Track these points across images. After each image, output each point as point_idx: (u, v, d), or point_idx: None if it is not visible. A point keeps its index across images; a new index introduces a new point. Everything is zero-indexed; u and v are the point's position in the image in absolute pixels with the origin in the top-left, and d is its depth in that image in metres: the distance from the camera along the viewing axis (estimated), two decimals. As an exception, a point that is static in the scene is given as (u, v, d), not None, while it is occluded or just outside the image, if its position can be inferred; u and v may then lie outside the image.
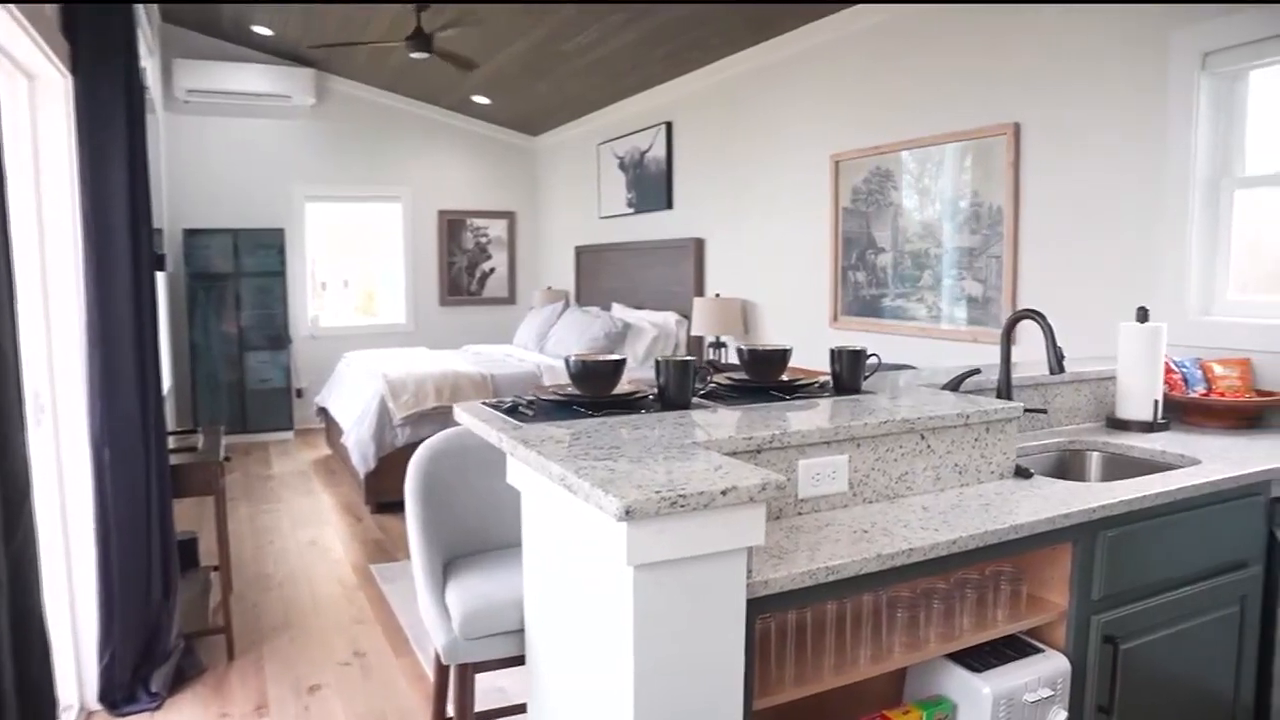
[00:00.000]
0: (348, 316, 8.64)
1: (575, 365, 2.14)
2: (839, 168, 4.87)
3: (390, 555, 4.56)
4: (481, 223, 8.95)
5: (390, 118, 8.33)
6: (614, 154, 7.43)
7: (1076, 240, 3.55)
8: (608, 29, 5.45)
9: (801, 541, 1.67)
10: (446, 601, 2.05)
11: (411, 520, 2.18)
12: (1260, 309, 3.01)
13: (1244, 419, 2.76)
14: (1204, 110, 3.06)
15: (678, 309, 6.53)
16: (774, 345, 2.38)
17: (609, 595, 1.45)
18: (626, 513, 1.30)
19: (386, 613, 3.79)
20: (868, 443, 1.93)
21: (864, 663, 1.68)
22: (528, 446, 1.69)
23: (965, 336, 4.11)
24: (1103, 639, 1.93)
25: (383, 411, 5.37)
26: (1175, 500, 2.04)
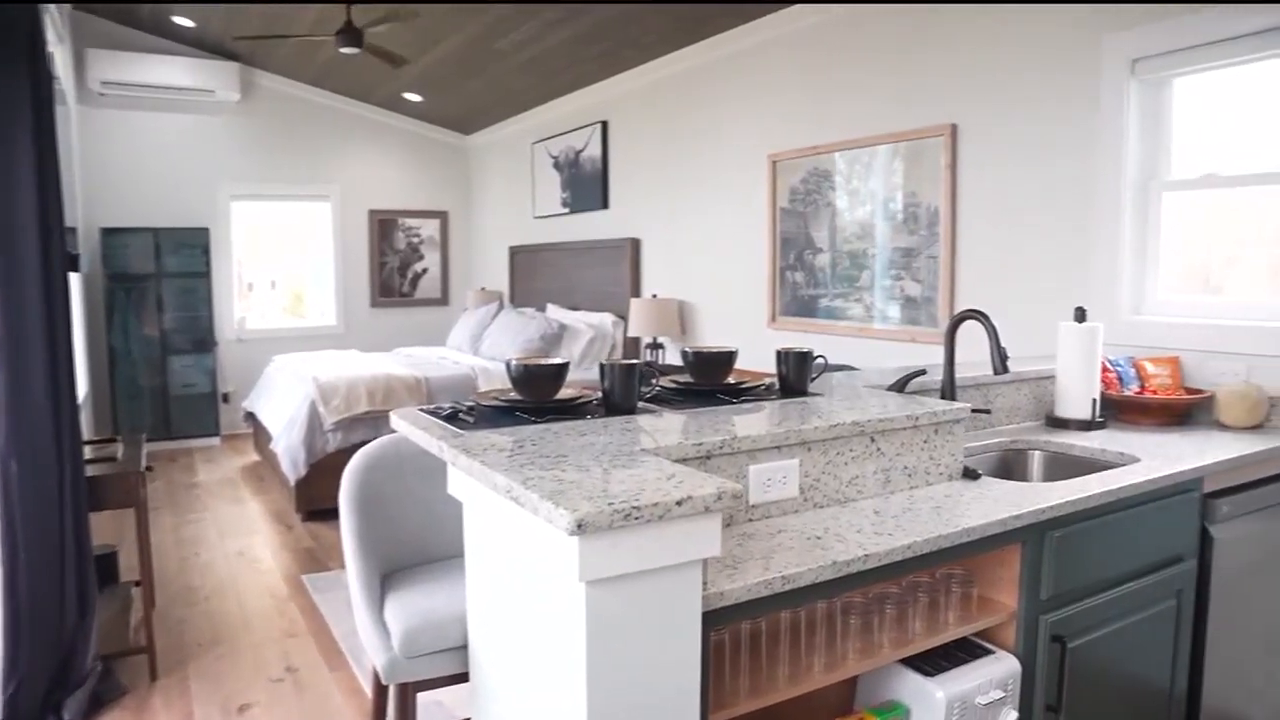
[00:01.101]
0: (276, 318, 8.41)
1: (517, 370, 2.07)
2: (776, 168, 4.87)
3: (323, 564, 4.42)
4: (413, 222, 8.79)
5: (319, 114, 8.12)
6: (549, 153, 7.35)
7: (1013, 241, 3.60)
8: (542, 26, 5.38)
9: (754, 550, 1.64)
10: (385, 618, 1.96)
11: (347, 533, 2.09)
12: (1187, 309, 3.08)
13: (1175, 416, 2.82)
14: (1133, 114, 3.12)
15: (614, 310, 6.48)
16: (719, 347, 2.35)
17: (559, 611, 1.39)
18: (578, 526, 1.25)
19: (319, 624, 3.66)
20: (818, 446, 1.90)
21: (818, 671, 1.65)
22: (470, 456, 1.62)
23: (903, 336, 4.14)
24: (1051, 638, 1.94)
25: (313, 416, 5.21)
26: (1118, 499, 2.06)
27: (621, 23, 5.16)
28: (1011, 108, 3.56)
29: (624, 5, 4.82)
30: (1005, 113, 3.59)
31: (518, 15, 5.21)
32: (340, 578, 4.17)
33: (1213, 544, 2.36)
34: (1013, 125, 3.56)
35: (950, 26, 3.81)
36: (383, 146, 8.50)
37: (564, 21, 5.24)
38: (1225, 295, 3.03)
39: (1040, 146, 3.45)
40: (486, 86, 7.00)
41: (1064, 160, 3.36)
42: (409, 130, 8.61)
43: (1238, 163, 2.95)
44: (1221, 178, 2.99)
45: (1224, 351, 2.90)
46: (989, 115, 3.66)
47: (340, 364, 6.01)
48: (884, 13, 4.14)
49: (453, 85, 7.13)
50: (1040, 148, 3.45)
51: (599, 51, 5.76)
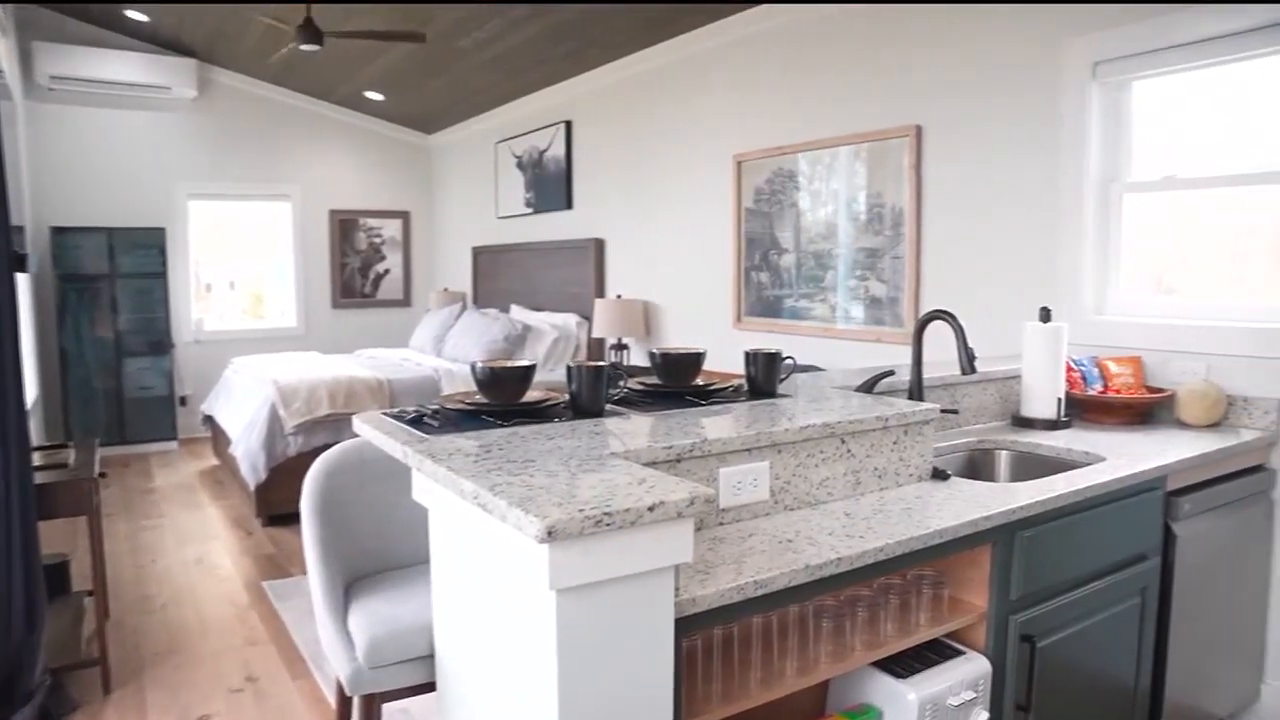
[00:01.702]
0: (235, 320, 8.26)
1: (483, 372, 2.03)
2: (741, 168, 4.87)
3: (284, 570, 4.34)
4: (375, 223, 8.68)
5: (278, 113, 7.99)
6: (512, 153, 7.29)
7: (978, 241, 3.62)
8: (506, 25, 5.33)
9: (726, 554, 1.62)
10: (349, 627, 1.92)
11: (309, 541, 2.04)
12: (1148, 309, 3.12)
13: (1138, 415, 2.85)
14: (1095, 117, 3.15)
15: (578, 311, 6.45)
16: (687, 348, 2.33)
17: (529, 620, 1.36)
18: (548, 533, 1.22)
19: (281, 632, 3.59)
20: (789, 448, 1.89)
21: (790, 675, 1.63)
22: (435, 461, 1.59)
23: (869, 337, 4.15)
24: (1020, 638, 1.94)
25: (273, 419, 5.12)
26: (1086, 498, 2.07)
27: (586, 22, 5.13)
28: (975, 109, 3.58)
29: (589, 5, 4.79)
30: (969, 114, 3.61)
31: (481, 13, 5.16)
32: (302, 584, 4.09)
33: (1175, 541, 2.38)
34: (977, 126, 3.58)
35: (915, 28, 3.83)
36: (344, 146, 8.39)
37: (528, 20, 5.20)
38: (1185, 296, 3.07)
39: (1004, 148, 3.48)
40: (449, 85, 6.93)
41: (1027, 161, 3.39)
42: (371, 129, 8.51)
43: (1196, 165, 2.99)
44: (1181, 180, 3.02)
45: (1184, 351, 2.93)
46: (953, 116, 3.68)
47: (301, 366, 5.91)
48: (849, 14, 4.15)
49: (415, 84, 7.05)
50: (1004, 149, 3.48)
51: (563, 50, 5.72)
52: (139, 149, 7.40)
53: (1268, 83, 2.81)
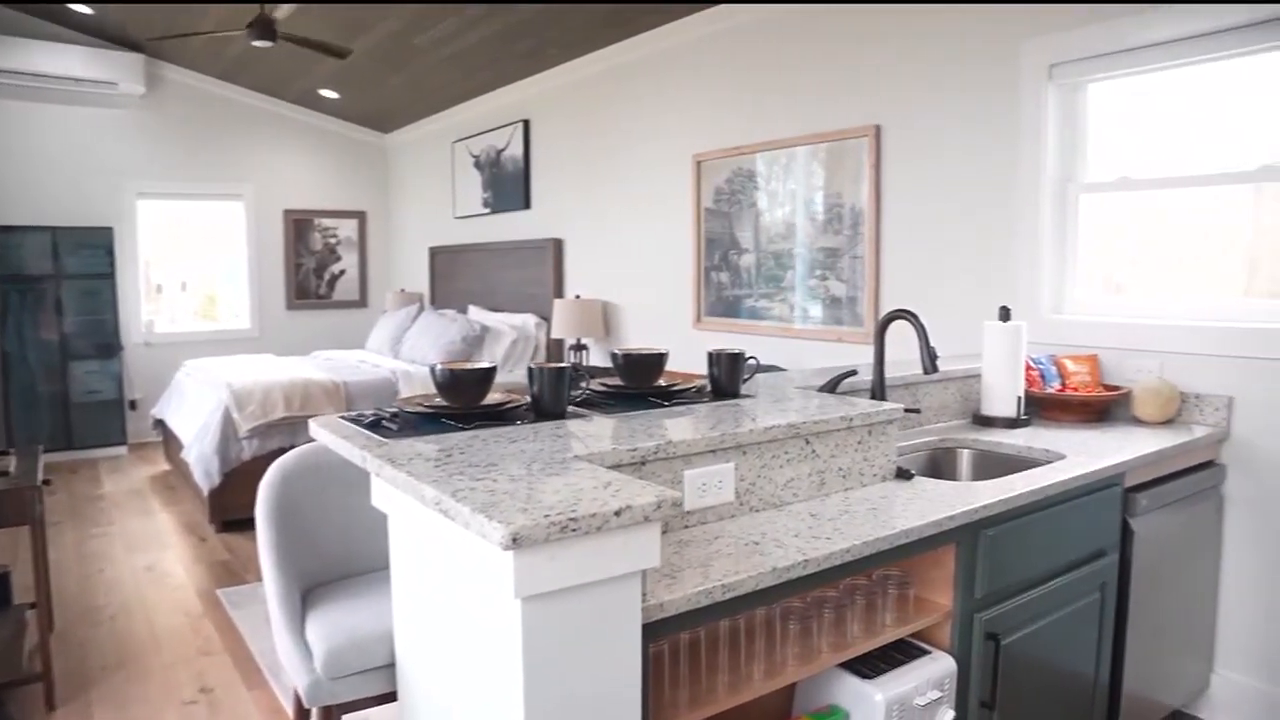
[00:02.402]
0: (187, 322, 8.08)
1: (443, 375, 1.99)
2: (701, 168, 4.86)
3: (239, 577, 4.25)
4: (330, 223, 8.56)
5: (230, 110, 7.84)
6: (469, 152, 7.23)
7: (937, 241, 3.64)
8: (463, 23, 5.27)
9: (692, 557, 1.60)
10: (307, 637, 1.87)
11: (264, 549, 1.99)
12: (1104, 308, 3.16)
13: (1095, 412, 2.88)
14: (1051, 118, 3.19)
15: (537, 311, 6.41)
16: (649, 349, 2.31)
17: (493, 628, 1.33)
18: (513, 540, 1.19)
19: (236, 641, 3.51)
20: (753, 449, 1.88)
21: (758, 678, 1.62)
22: (395, 466, 1.55)
23: (830, 336, 4.16)
24: (985, 636, 1.95)
25: (227, 423, 5.02)
26: (1048, 496, 2.08)
27: (543, 20, 5.09)
28: (935, 109, 3.60)
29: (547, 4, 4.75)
30: (928, 114, 3.63)
31: (438, 11, 5.10)
32: (258, 591, 4.01)
33: (1133, 537, 2.41)
34: (936, 127, 3.61)
35: (874, 28, 3.85)
36: (298, 144, 8.26)
37: (485, 18, 5.14)
38: (1139, 295, 3.11)
39: (963, 148, 3.50)
40: (405, 84, 6.85)
41: (986, 161, 3.42)
42: (325, 128, 8.38)
43: (1150, 167, 3.04)
44: (1135, 180, 3.06)
45: (1139, 349, 2.98)
46: (912, 116, 3.70)
47: (255, 368, 5.80)
48: (808, 14, 4.15)
49: (371, 82, 6.96)
50: (963, 149, 3.50)
51: (521, 49, 5.67)
52: (84, 146, 7.22)
53: (1218, 87, 2.86)
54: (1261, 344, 2.71)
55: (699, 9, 4.66)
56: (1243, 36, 2.69)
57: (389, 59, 6.24)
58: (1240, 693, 2.85)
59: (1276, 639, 2.78)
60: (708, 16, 4.67)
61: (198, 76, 7.60)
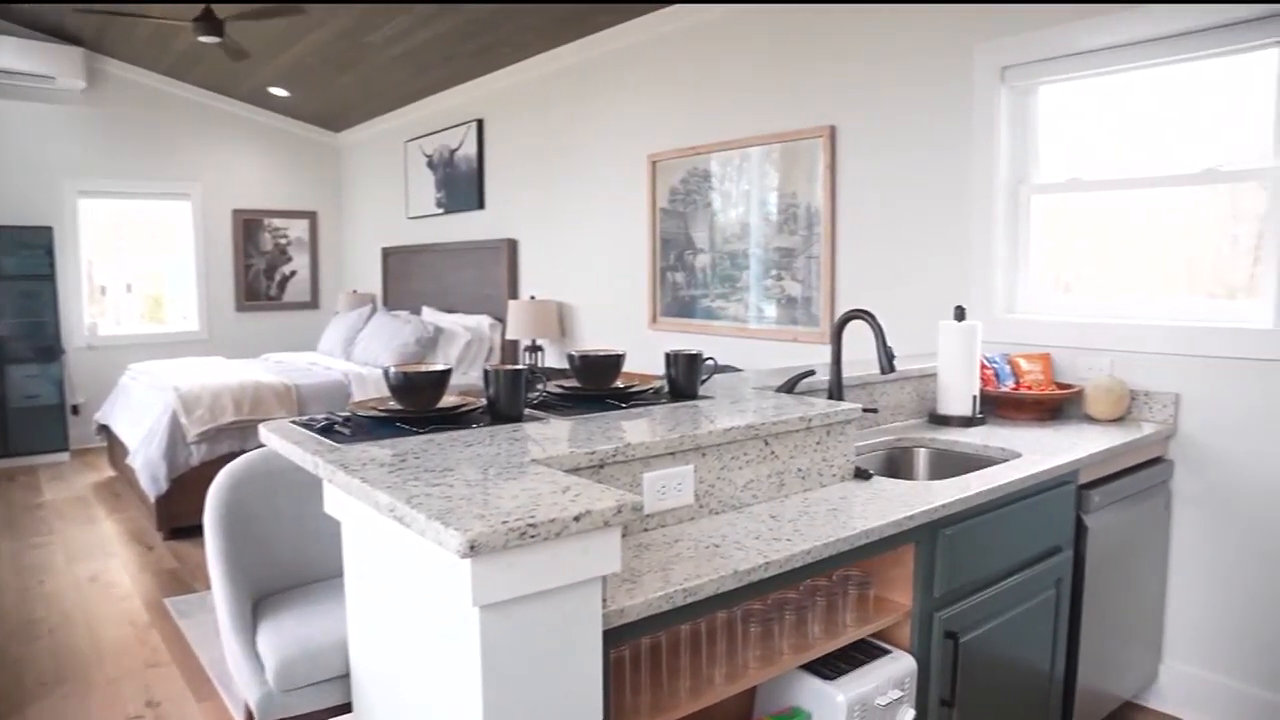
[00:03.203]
0: (132, 324, 7.88)
1: (396, 378, 1.95)
2: (656, 168, 4.85)
3: (188, 586, 4.15)
4: (281, 223, 8.41)
5: (176, 107, 7.66)
6: (422, 152, 7.15)
7: (893, 241, 3.66)
8: (415, 21, 5.20)
9: (652, 561, 1.58)
10: (258, 648, 1.82)
11: (213, 558, 1.93)
12: (1056, 307, 3.20)
13: (1048, 410, 2.92)
14: (1004, 120, 3.22)
15: (491, 312, 6.35)
16: (606, 350, 2.28)
17: (451, 637, 1.30)
18: (471, 548, 1.16)
19: (185, 652, 3.42)
20: (713, 451, 1.86)
21: (720, 682, 1.61)
22: (348, 472, 1.51)
23: (785, 336, 4.17)
24: (944, 635, 1.95)
25: (174, 428, 4.90)
26: (1005, 494, 2.10)
27: (497, 19, 5.04)
28: (889, 110, 3.63)
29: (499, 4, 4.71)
30: (883, 115, 3.65)
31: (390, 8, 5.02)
32: (207, 599, 3.91)
33: (1086, 533, 2.45)
34: (890, 128, 3.63)
35: (829, 29, 3.86)
36: (247, 143, 8.10)
37: (437, 16, 5.08)
38: (1089, 294, 3.16)
39: (917, 149, 3.53)
40: (357, 82, 6.75)
41: (940, 162, 3.44)
42: (275, 126, 8.23)
43: (1099, 168, 3.08)
44: (1084, 182, 3.11)
45: (1090, 348, 3.02)
46: (867, 117, 3.72)
47: (203, 371, 5.67)
48: (763, 14, 4.16)
49: (321, 80, 6.85)
50: (917, 150, 3.53)
51: (474, 48, 5.62)
52: (21, 142, 7.00)
53: (1164, 91, 2.91)
54: (1206, 342, 2.77)
55: (652, 9, 4.65)
56: (1184, 43, 2.74)
57: (340, 57, 6.14)
58: (1187, 682, 2.91)
59: (1221, 629, 2.84)
60: (662, 16, 4.66)
61: (142, 72, 7.41)
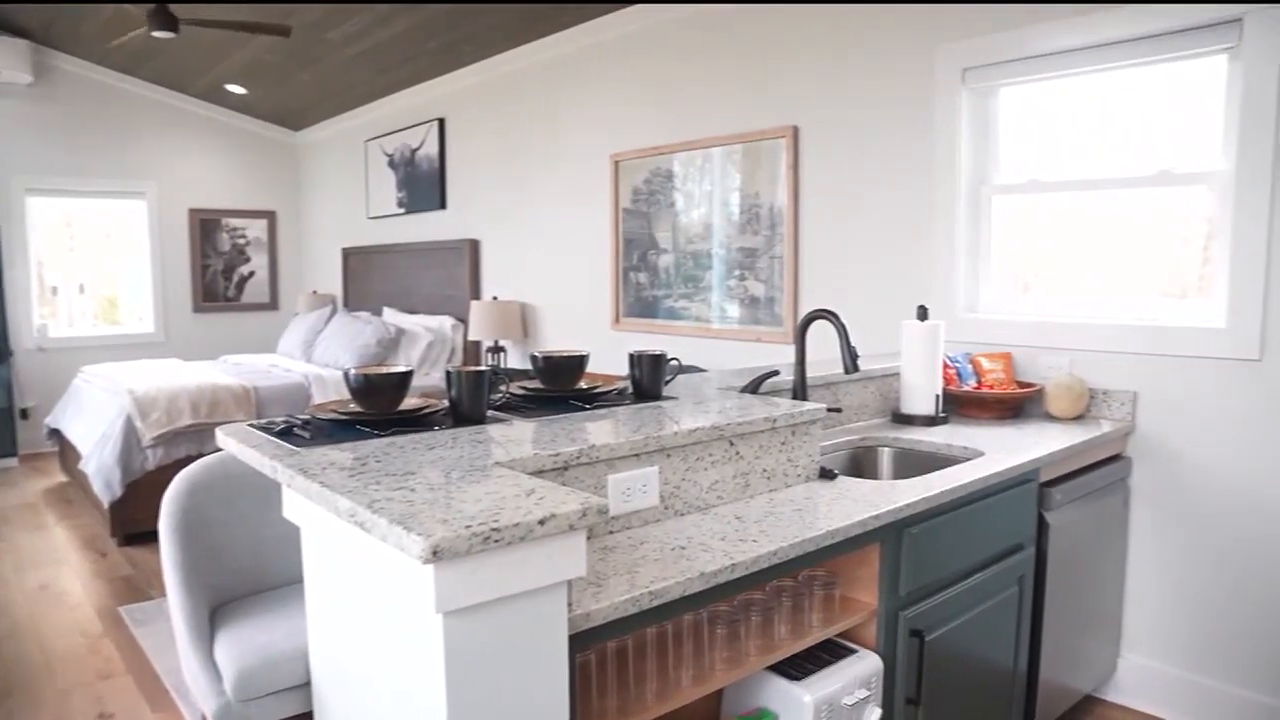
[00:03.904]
0: (85, 325, 7.71)
1: (357, 380, 1.92)
2: (619, 168, 4.84)
3: (143, 593, 4.06)
4: (239, 223, 8.27)
5: (129, 104, 7.51)
6: (383, 151, 7.07)
7: (856, 241, 3.68)
8: (375, 19, 5.14)
9: (618, 564, 1.57)
10: (216, 658, 1.78)
11: (168, 566, 1.89)
12: (1016, 307, 3.24)
13: (1010, 409, 2.95)
14: (965, 121, 3.25)
15: (453, 313, 6.30)
16: (570, 351, 2.27)
17: (414, 644, 1.28)
18: (433, 553, 1.14)
19: (140, 661, 3.35)
20: (678, 452, 1.85)
21: (686, 684, 1.60)
22: (308, 476, 1.48)
23: (749, 336, 4.18)
24: (910, 633, 1.96)
25: (129, 432, 4.79)
26: (969, 493, 2.11)
27: (458, 17, 5.00)
28: (852, 111, 3.64)
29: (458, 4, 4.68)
30: (846, 116, 3.67)
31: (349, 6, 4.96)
32: (165, 606, 3.83)
33: (1048, 530, 2.47)
34: (853, 129, 3.65)
35: (791, 30, 3.87)
36: (203, 141, 7.96)
37: (397, 14, 5.03)
38: (1049, 294, 3.20)
39: (880, 149, 3.55)
40: (316, 80, 6.66)
41: (902, 163, 3.47)
42: (232, 125, 8.10)
43: (1058, 169, 3.12)
44: (1043, 183, 3.14)
45: (1050, 347, 3.06)
46: (830, 118, 3.73)
47: (159, 374, 5.56)
48: (725, 14, 4.16)
49: (280, 78, 6.75)
50: (880, 151, 3.55)
51: (435, 46, 5.57)
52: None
53: (1120, 95, 2.95)
54: (1162, 342, 2.81)
55: (615, 8, 4.63)
56: (1138, 48, 2.79)
57: (299, 54, 6.05)
58: (1145, 674, 2.95)
59: (1176, 623, 2.88)
60: (625, 16, 4.65)
61: (92, 67, 7.25)
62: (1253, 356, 2.64)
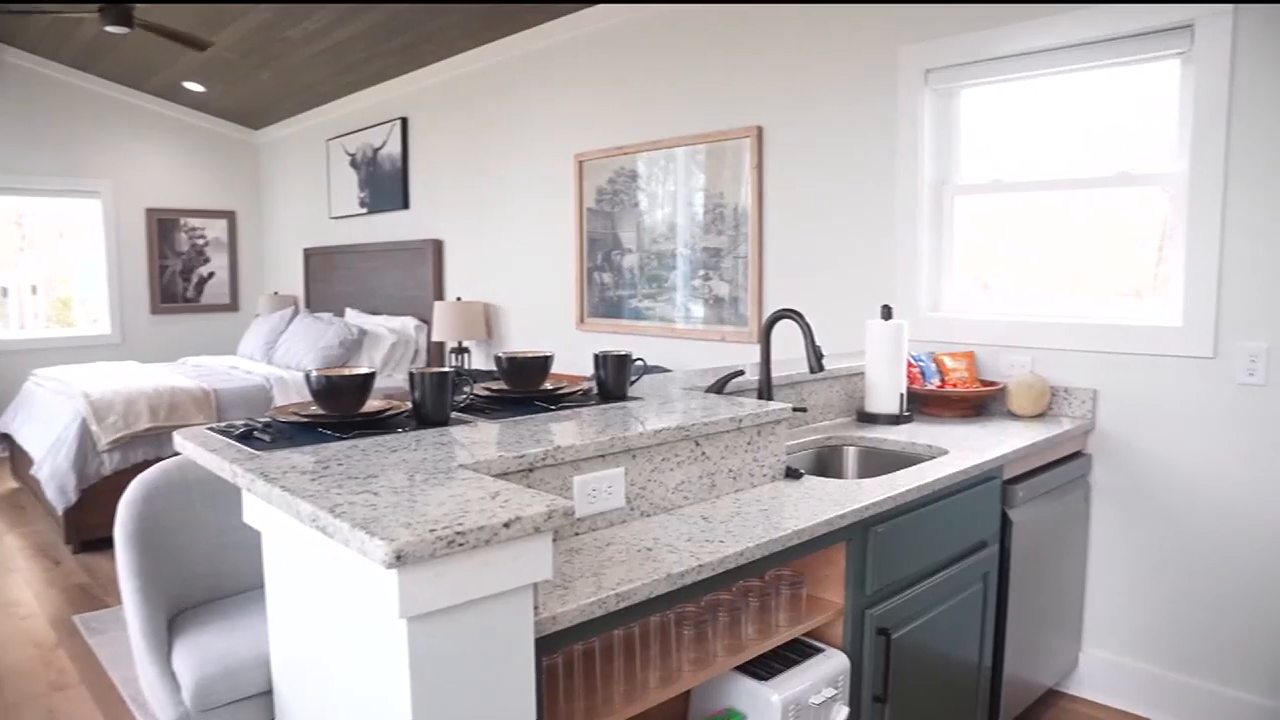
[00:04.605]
0: (38, 328, 7.55)
1: (318, 382, 1.89)
2: (583, 168, 4.82)
3: (99, 601, 3.97)
4: (198, 223, 8.14)
5: (83, 100, 7.35)
6: (345, 150, 6.99)
7: (820, 241, 3.70)
8: (337, 17, 5.08)
9: (584, 566, 1.56)
10: (174, 667, 1.74)
11: (125, 573, 1.84)
12: (979, 306, 3.27)
13: (973, 407, 2.97)
14: (927, 121, 3.28)
15: (417, 314, 6.25)
16: (534, 351, 2.25)
17: (378, 650, 1.26)
18: (397, 558, 1.12)
19: (95, 672, 3.28)
20: (643, 453, 1.84)
21: (654, 686, 1.59)
22: (268, 480, 1.45)
23: (713, 336, 4.18)
24: (876, 631, 1.97)
25: (84, 436, 4.70)
26: (934, 491, 2.13)
27: (421, 16, 4.95)
28: (816, 111, 3.66)
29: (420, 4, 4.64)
30: (809, 116, 3.68)
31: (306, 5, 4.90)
32: (119, 615, 3.76)
33: (1011, 527, 2.50)
34: (817, 129, 3.66)
35: (756, 30, 3.88)
36: (160, 139, 7.82)
37: (359, 12, 4.97)
38: (1011, 293, 3.23)
39: (844, 149, 3.57)
40: (277, 78, 6.57)
41: (866, 163, 3.49)
42: (190, 123, 7.97)
43: (1019, 170, 3.16)
44: (1005, 183, 3.18)
45: (1012, 345, 3.09)
46: (794, 118, 3.75)
47: (116, 377, 5.45)
48: (689, 15, 4.16)
49: (239, 76, 6.65)
50: (844, 150, 3.57)
51: (398, 45, 5.51)
52: (-86, 138, 6.66)
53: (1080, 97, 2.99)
54: (1121, 340, 2.85)
55: (577, 9, 4.62)
56: (1095, 51, 2.83)
57: (258, 52, 5.97)
58: (1105, 668, 2.99)
59: (1136, 617, 2.93)
60: (589, 15, 4.63)
61: (42, 62, 7.09)
62: (1206, 354, 2.69)
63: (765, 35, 3.83)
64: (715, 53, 4.06)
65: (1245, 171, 2.59)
